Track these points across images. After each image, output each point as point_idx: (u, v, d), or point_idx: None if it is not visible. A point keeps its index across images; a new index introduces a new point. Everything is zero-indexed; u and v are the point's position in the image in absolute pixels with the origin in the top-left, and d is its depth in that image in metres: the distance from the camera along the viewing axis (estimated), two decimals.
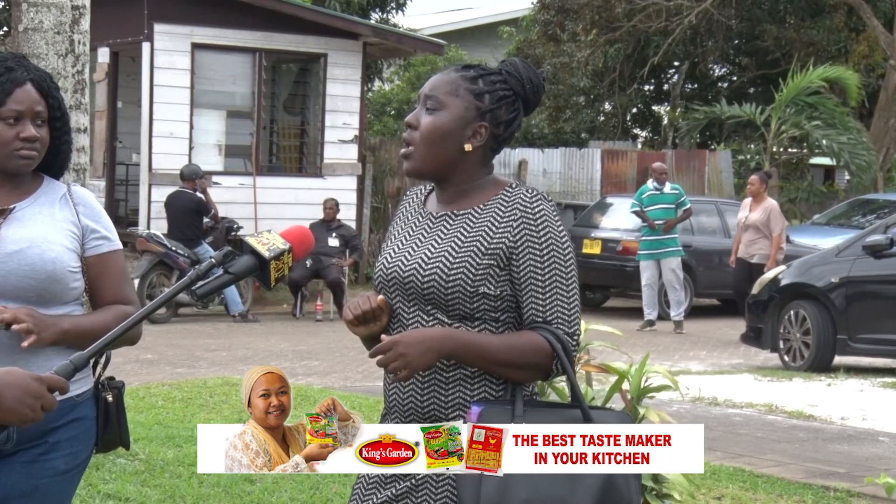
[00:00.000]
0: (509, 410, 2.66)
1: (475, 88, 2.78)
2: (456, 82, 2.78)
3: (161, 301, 2.62)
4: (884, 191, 23.01)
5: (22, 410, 2.53)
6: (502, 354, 2.67)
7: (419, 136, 2.77)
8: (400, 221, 2.93)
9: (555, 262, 2.72)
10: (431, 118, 2.77)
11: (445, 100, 2.77)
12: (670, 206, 14.85)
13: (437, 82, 2.80)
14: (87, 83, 6.17)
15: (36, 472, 3.04)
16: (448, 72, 2.82)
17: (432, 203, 2.89)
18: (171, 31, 16.35)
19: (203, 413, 8.17)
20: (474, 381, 2.75)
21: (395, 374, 2.63)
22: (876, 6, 25.74)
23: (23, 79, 3.06)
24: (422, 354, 2.61)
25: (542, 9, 27.74)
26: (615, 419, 2.73)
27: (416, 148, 2.78)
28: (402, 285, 2.78)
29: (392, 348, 2.61)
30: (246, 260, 2.66)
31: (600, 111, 30.55)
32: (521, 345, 2.68)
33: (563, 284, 2.73)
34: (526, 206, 2.73)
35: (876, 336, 11.41)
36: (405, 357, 2.60)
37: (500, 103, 2.79)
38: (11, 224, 3.06)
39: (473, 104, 2.77)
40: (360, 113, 17.86)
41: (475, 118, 2.78)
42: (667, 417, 4.86)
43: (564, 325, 2.71)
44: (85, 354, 2.56)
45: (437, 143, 2.76)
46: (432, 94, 2.78)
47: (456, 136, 2.77)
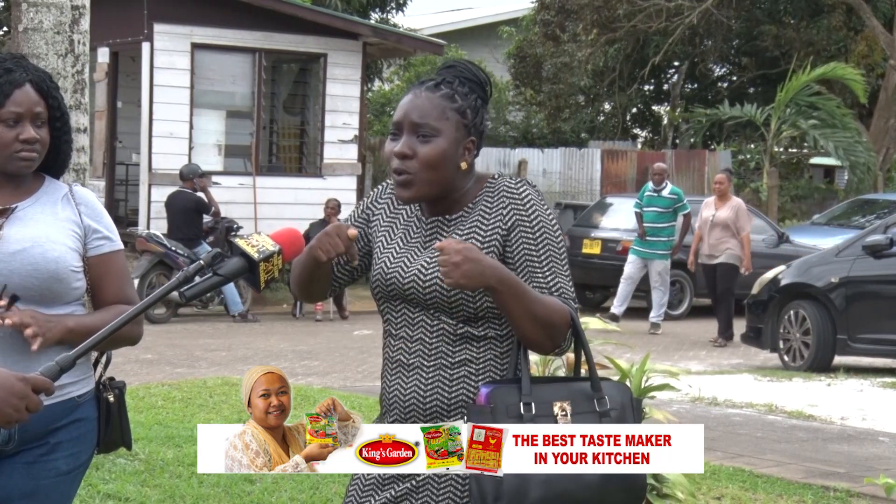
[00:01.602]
0: (516, 388, 2.68)
1: (458, 106, 2.79)
2: (441, 105, 2.77)
3: (148, 303, 2.60)
4: (884, 191, 23.02)
5: (6, 411, 2.53)
6: (536, 306, 2.67)
7: (419, 166, 2.76)
8: (389, 220, 2.92)
9: (548, 242, 2.76)
10: (430, 146, 2.76)
11: (438, 126, 2.77)
12: (666, 209, 14.46)
13: (423, 109, 2.77)
14: (86, 83, 6.17)
15: (37, 473, 3.04)
16: (421, 94, 2.79)
17: (422, 208, 2.89)
18: (170, 31, 16.35)
19: (203, 413, 8.17)
20: (478, 377, 2.76)
21: (444, 277, 2.61)
22: (875, 6, 25.75)
23: (22, 80, 3.06)
24: (471, 273, 2.59)
25: (542, 9, 27.76)
26: (614, 390, 2.75)
27: (417, 176, 2.77)
28: (402, 293, 2.80)
29: (448, 253, 2.60)
30: (235, 262, 2.66)
31: (600, 111, 30.57)
32: (551, 304, 2.70)
33: (559, 263, 2.77)
34: (512, 193, 2.78)
35: (876, 336, 11.41)
36: (458, 267, 2.59)
37: (477, 113, 2.82)
38: (14, 224, 3.06)
39: (461, 123, 2.79)
40: (359, 113, 17.87)
41: (464, 136, 2.80)
42: (670, 416, 4.87)
43: (570, 299, 2.76)
44: (72, 355, 2.55)
45: (438, 170, 2.77)
46: (423, 122, 2.76)
47: (452, 158, 2.79)
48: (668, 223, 14.56)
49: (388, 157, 2.82)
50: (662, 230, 14.54)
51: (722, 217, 13.65)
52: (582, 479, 2.63)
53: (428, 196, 2.81)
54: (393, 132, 2.82)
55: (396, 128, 2.80)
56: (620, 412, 2.72)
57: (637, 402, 2.79)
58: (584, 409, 2.69)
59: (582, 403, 2.70)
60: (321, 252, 2.78)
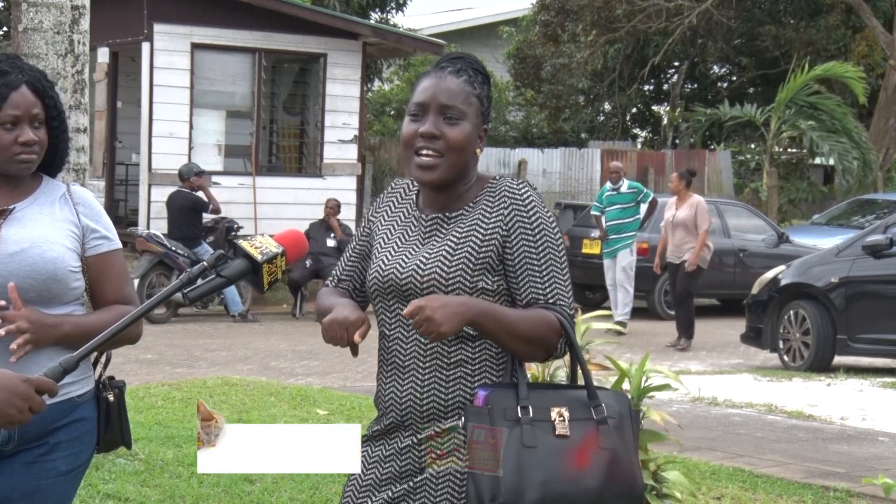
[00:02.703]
0: (514, 393, 2.67)
1: (477, 93, 2.80)
2: (465, 90, 2.78)
3: (152, 304, 2.61)
4: (884, 191, 23.02)
5: (9, 412, 2.53)
6: (518, 325, 2.68)
7: (448, 147, 2.75)
8: (388, 222, 2.93)
9: (548, 246, 2.75)
10: (459, 129, 2.76)
11: (464, 109, 2.77)
12: (628, 205, 14.48)
13: (451, 92, 2.77)
14: (86, 83, 6.17)
15: (37, 473, 3.04)
16: (448, 78, 2.79)
17: (422, 204, 2.89)
18: (170, 31, 16.35)
19: None
20: (474, 378, 2.75)
21: (425, 336, 2.62)
22: (875, 6, 25.75)
23: (18, 82, 3.05)
24: (448, 318, 2.60)
25: (542, 9, 27.76)
26: (612, 398, 2.76)
27: (446, 158, 2.76)
28: (399, 290, 2.79)
29: (419, 313, 2.60)
30: (238, 263, 2.66)
31: (600, 111, 30.58)
32: (535, 318, 2.70)
33: (559, 267, 2.76)
34: (514, 194, 2.77)
35: (875, 336, 11.41)
36: (432, 321, 2.59)
37: (490, 103, 2.85)
38: (12, 224, 3.06)
39: (479, 109, 2.81)
40: (359, 113, 17.87)
41: (481, 123, 2.82)
42: (668, 417, 4.87)
43: (565, 306, 2.75)
44: (75, 356, 2.56)
45: (463, 153, 2.78)
46: (451, 104, 2.76)
47: (474, 143, 2.80)
48: (633, 217, 14.57)
49: (409, 137, 2.79)
50: (628, 225, 14.50)
51: (682, 217, 13.37)
52: (580, 482, 2.63)
53: (447, 180, 2.79)
54: (415, 113, 2.79)
55: (421, 109, 2.78)
56: (619, 421, 2.72)
57: (636, 412, 2.79)
58: (581, 415, 2.69)
59: (579, 410, 2.70)
60: (329, 342, 2.78)
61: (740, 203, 19.60)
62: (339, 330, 2.73)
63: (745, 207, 18.58)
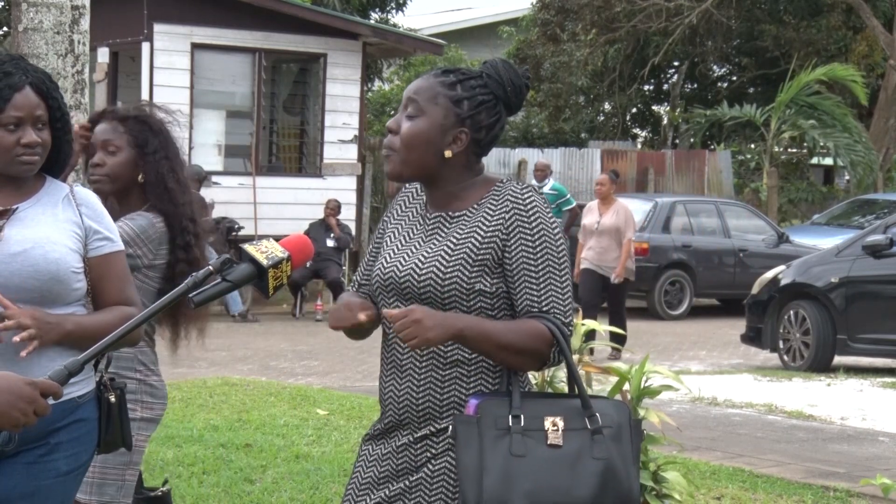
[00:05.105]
0: (507, 401, 2.68)
1: (454, 95, 2.80)
2: (435, 89, 2.80)
3: (158, 307, 2.61)
4: (884, 191, 23.02)
5: (14, 415, 2.54)
6: (506, 338, 2.69)
7: (399, 142, 2.81)
8: (396, 222, 2.94)
9: (548, 253, 2.75)
10: (410, 125, 2.80)
11: (425, 106, 2.80)
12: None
13: (418, 88, 2.82)
14: (86, 83, 6.18)
15: (37, 474, 3.04)
16: (428, 77, 2.85)
17: (427, 203, 2.91)
18: (170, 31, 16.35)
19: (203, 413, 8.18)
20: (470, 379, 2.76)
21: (409, 342, 2.63)
22: (875, 6, 25.74)
23: (21, 83, 3.05)
24: (434, 327, 2.62)
25: (541, 9, 27.75)
26: (612, 408, 2.75)
27: (397, 153, 2.81)
28: (398, 288, 2.80)
29: (407, 316, 2.62)
30: (244, 268, 2.66)
31: (600, 111, 30.56)
32: (523, 330, 2.70)
33: (557, 275, 2.75)
34: (517, 198, 2.77)
35: (875, 336, 11.42)
36: (419, 325, 2.61)
37: (479, 108, 2.81)
38: (14, 225, 3.06)
39: (452, 111, 2.80)
40: (359, 113, 17.86)
41: (454, 125, 2.80)
42: (666, 418, 4.87)
43: (560, 315, 2.74)
44: (80, 360, 2.57)
45: (415, 149, 2.79)
46: (415, 97, 2.81)
47: (435, 142, 2.79)
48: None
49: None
50: None
51: (608, 224, 12.09)
52: (571, 493, 2.63)
53: (402, 175, 2.83)
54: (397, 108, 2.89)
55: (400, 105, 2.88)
56: (616, 430, 2.71)
57: (636, 422, 2.77)
58: (576, 425, 2.68)
59: (574, 420, 2.69)
60: (335, 324, 2.78)
61: (740, 203, 19.60)
62: (344, 310, 2.76)
63: (745, 207, 18.59)
